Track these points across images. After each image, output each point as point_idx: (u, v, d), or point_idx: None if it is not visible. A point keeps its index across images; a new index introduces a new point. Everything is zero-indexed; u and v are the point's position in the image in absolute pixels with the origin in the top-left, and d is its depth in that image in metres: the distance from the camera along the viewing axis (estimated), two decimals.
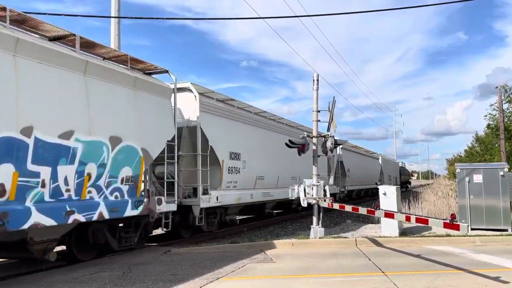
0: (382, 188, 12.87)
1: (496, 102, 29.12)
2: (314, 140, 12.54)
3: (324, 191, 12.10)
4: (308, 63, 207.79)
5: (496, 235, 11.63)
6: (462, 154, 59.04)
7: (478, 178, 12.82)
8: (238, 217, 17.86)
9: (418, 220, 8.38)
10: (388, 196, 12.53)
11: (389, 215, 9.23)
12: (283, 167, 17.39)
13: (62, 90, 7.74)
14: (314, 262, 8.80)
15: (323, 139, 12.59)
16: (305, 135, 12.53)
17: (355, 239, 11.22)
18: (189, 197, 11.95)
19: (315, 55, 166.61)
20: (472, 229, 11.41)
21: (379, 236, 11.74)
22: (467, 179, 12.91)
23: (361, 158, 33.50)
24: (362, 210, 10.07)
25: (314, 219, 11.90)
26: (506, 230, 12.23)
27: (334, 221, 17.00)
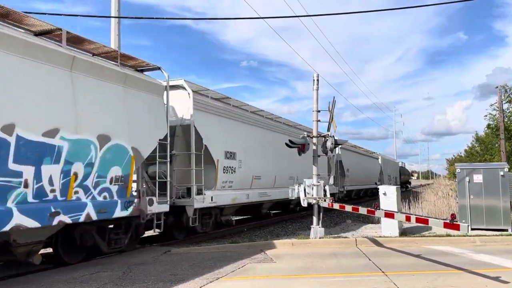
0: (382, 188, 12.88)
1: (496, 102, 29.18)
2: (314, 140, 12.54)
3: (324, 191, 12.10)
4: (308, 63, 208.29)
5: (496, 235, 11.64)
6: (462, 154, 59.11)
7: (478, 178, 12.83)
8: (236, 217, 17.60)
9: (418, 220, 8.38)
10: (388, 196, 12.54)
11: (389, 215, 9.23)
12: (281, 167, 17.14)
13: (47, 86, 7.44)
14: (314, 262, 8.80)
15: (323, 139, 12.59)
16: (305, 135, 12.51)
17: (355, 239, 11.23)
18: (182, 197, 11.65)
19: (315, 55, 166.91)
20: (472, 229, 11.42)
21: (379, 236, 11.75)
22: (467, 179, 12.91)
23: (360, 158, 33.24)
24: (362, 210, 10.08)
25: (314, 219, 11.90)
26: (506, 230, 12.23)
27: (334, 221, 16.99)
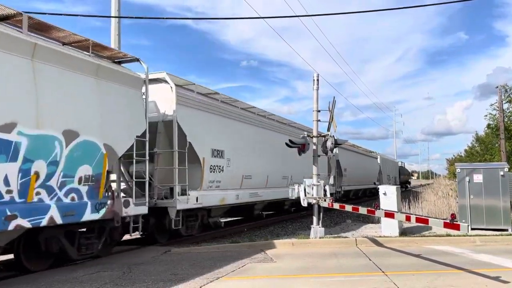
0: (382, 188, 12.88)
1: (496, 102, 29.19)
2: (315, 140, 12.54)
3: (324, 191, 12.11)
4: (308, 63, 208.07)
5: (496, 235, 11.64)
6: (462, 154, 59.00)
7: (478, 178, 12.83)
8: (231, 219, 17.16)
9: (418, 220, 8.38)
10: (388, 196, 12.54)
11: (389, 215, 9.23)
12: (274, 166, 16.54)
13: (2, 76, 6.79)
14: (314, 262, 8.80)
15: (323, 138, 12.59)
16: (305, 135, 12.52)
17: (355, 239, 11.23)
18: (165, 198, 11.00)
19: (315, 55, 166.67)
20: (472, 229, 11.43)
21: (379, 236, 11.75)
22: (467, 179, 12.91)
23: (358, 157, 32.58)
24: (362, 210, 10.08)
25: (314, 219, 11.90)
26: (506, 230, 12.24)
27: (334, 221, 16.99)
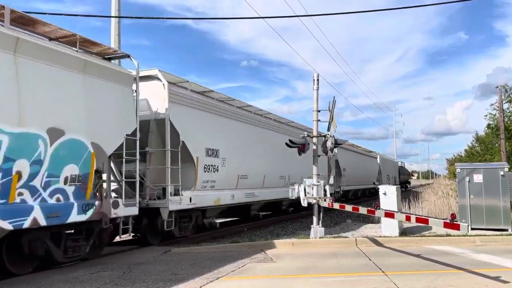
0: (382, 188, 12.88)
1: (496, 102, 29.21)
2: (315, 140, 12.54)
3: (324, 190, 12.11)
4: (308, 63, 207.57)
5: (496, 235, 11.64)
6: (462, 154, 58.99)
7: (478, 178, 12.83)
8: (227, 219, 16.76)
9: (418, 220, 8.38)
10: (388, 195, 12.54)
11: (389, 214, 9.23)
12: (271, 166, 16.26)
13: None
14: (314, 262, 8.80)
15: (323, 138, 12.60)
16: (305, 135, 12.52)
17: (355, 239, 11.23)
18: (158, 198, 10.75)
19: (315, 55, 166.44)
20: (472, 229, 11.44)
21: (379, 236, 11.76)
22: (467, 179, 12.91)
23: (357, 157, 32.27)
24: (362, 210, 10.08)
25: (314, 218, 11.90)
26: (506, 230, 12.24)
27: (334, 220, 16.99)
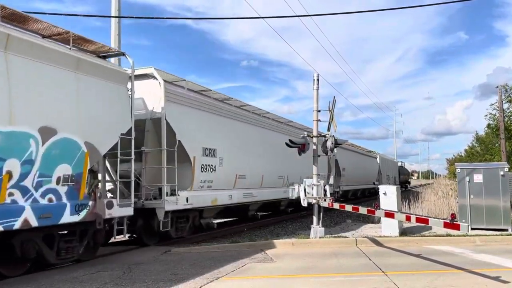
0: (382, 188, 12.88)
1: (496, 102, 29.23)
2: (315, 139, 12.54)
3: (325, 190, 12.11)
4: (309, 62, 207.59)
5: (496, 235, 11.65)
6: (463, 154, 59.01)
7: (478, 178, 12.84)
8: (225, 220, 16.70)
9: (418, 220, 8.38)
10: (388, 195, 12.54)
11: (389, 214, 9.23)
12: (269, 166, 16.08)
13: None
14: (314, 262, 8.80)
15: (324, 138, 12.60)
16: (305, 135, 12.52)
17: (355, 239, 11.23)
18: (155, 198, 10.63)
19: (315, 55, 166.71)
20: (472, 228, 11.43)
21: (379, 236, 11.76)
22: (467, 178, 12.91)
23: (357, 157, 32.04)
24: (363, 210, 10.08)
25: (315, 218, 11.90)
26: (506, 230, 12.24)
27: (334, 220, 16.99)
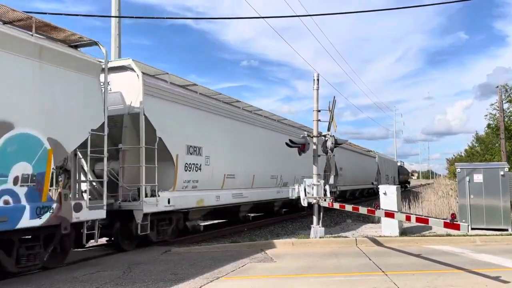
0: (382, 188, 12.89)
1: (496, 102, 29.23)
2: (315, 139, 12.54)
3: (325, 190, 12.11)
4: (309, 62, 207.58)
5: (496, 235, 11.65)
6: (463, 154, 58.95)
7: (478, 177, 12.84)
8: (212, 222, 16.32)
9: (418, 219, 8.38)
10: (388, 195, 12.54)
11: (389, 214, 9.23)
12: (260, 165, 15.50)
13: None
14: (314, 262, 8.80)
15: (324, 138, 12.60)
16: (305, 135, 12.52)
17: (355, 239, 11.23)
18: (134, 199, 9.92)
19: (315, 55, 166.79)
20: (472, 228, 11.44)
21: (379, 236, 11.76)
22: (467, 178, 12.91)
23: (355, 157, 31.62)
24: (363, 210, 10.08)
25: (315, 218, 11.90)
26: (507, 230, 12.24)
27: (335, 220, 16.99)
